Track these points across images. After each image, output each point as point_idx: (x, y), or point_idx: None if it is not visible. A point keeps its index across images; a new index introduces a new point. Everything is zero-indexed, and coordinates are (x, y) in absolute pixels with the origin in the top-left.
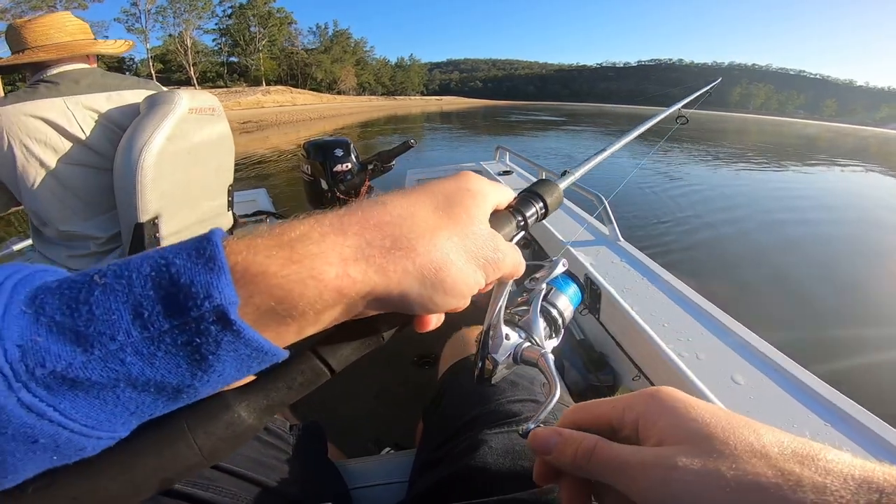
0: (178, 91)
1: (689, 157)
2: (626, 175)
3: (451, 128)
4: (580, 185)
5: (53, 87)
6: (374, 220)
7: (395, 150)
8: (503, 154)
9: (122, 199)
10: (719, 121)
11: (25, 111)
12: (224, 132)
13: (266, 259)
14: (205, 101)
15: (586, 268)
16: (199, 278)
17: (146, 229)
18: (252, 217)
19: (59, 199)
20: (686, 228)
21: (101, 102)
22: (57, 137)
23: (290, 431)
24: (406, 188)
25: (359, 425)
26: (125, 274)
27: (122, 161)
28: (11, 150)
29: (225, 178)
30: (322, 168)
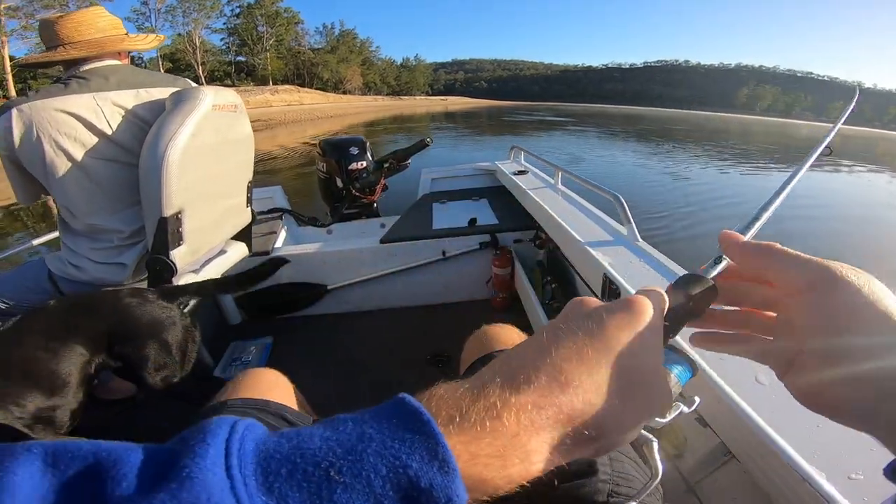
0: (202, 88)
1: (696, 159)
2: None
3: (457, 127)
4: (595, 185)
5: (84, 83)
6: (568, 410)
7: (411, 148)
8: (518, 154)
9: (147, 194)
10: (718, 121)
11: (55, 106)
12: (245, 129)
13: (485, 469)
14: (228, 99)
15: (604, 266)
16: (438, 482)
17: (170, 224)
18: (268, 214)
19: (86, 193)
20: (701, 228)
21: (130, 99)
22: (85, 132)
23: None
24: (568, 336)
25: None
26: (362, 473)
27: (147, 156)
28: (41, 143)
29: (245, 175)
30: (337, 166)
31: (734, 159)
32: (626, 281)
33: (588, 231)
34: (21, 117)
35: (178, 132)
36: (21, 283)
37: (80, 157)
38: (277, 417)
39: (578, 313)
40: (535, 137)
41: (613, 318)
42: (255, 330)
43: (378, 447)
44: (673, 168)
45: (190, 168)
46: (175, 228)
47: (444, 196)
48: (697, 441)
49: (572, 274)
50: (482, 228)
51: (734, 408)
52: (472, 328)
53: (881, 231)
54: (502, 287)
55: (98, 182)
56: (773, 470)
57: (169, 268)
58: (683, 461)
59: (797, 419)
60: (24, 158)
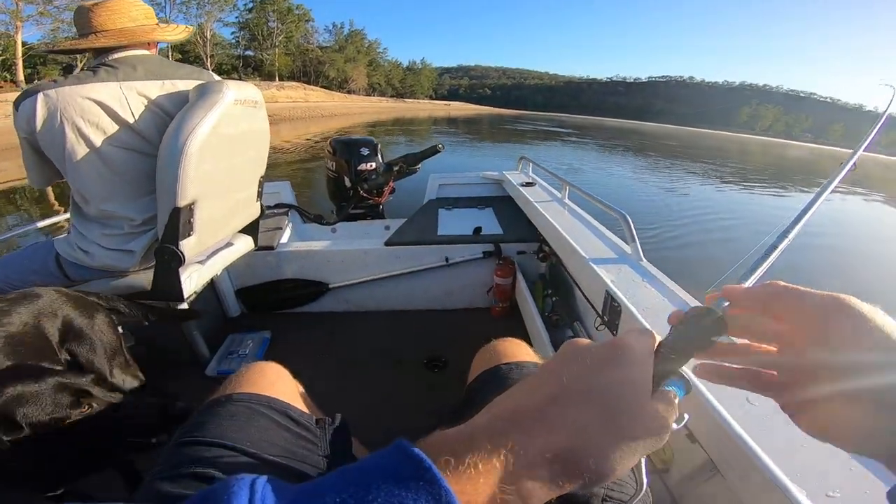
0: (226, 82)
1: (697, 177)
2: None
3: (457, 132)
4: (602, 202)
5: (112, 71)
6: (555, 449)
7: (423, 153)
8: (526, 165)
9: (164, 184)
10: (721, 140)
11: (82, 93)
12: (263, 125)
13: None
14: (249, 94)
15: (607, 284)
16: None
17: (182, 214)
18: (275, 209)
19: (102, 179)
20: (705, 249)
21: (155, 90)
22: (108, 120)
23: (317, 425)
24: (554, 378)
25: (368, 424)
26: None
27: (168, 146)
28: (63, 128)
29: (258, 169)
30: (347, 165)
31: (735, 180)
32: (629, 300)
33: (593, 247)
34: (47, 102)
35: (200, 125)
36: (27, 265)
37: (99, 145)
38: (282, 415)
39: (568, 356)
40: (535, 146)
41: (598, 361)
42: (254, 323)
43: (386, 497)
44: (676, 186)
45: (207, 160)
46: (187, 219)
47: (450, 202)
48: (685, 456)
49: (574, 289)
50: (486, 238)
51: (723, 424)
52: (470, 335)
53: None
54: (503, 297)
55: (115, 169)
56: (756, 486)
57: (177, 257)
58: (670, 475)
59: (782, 437)
60: (43, 142)
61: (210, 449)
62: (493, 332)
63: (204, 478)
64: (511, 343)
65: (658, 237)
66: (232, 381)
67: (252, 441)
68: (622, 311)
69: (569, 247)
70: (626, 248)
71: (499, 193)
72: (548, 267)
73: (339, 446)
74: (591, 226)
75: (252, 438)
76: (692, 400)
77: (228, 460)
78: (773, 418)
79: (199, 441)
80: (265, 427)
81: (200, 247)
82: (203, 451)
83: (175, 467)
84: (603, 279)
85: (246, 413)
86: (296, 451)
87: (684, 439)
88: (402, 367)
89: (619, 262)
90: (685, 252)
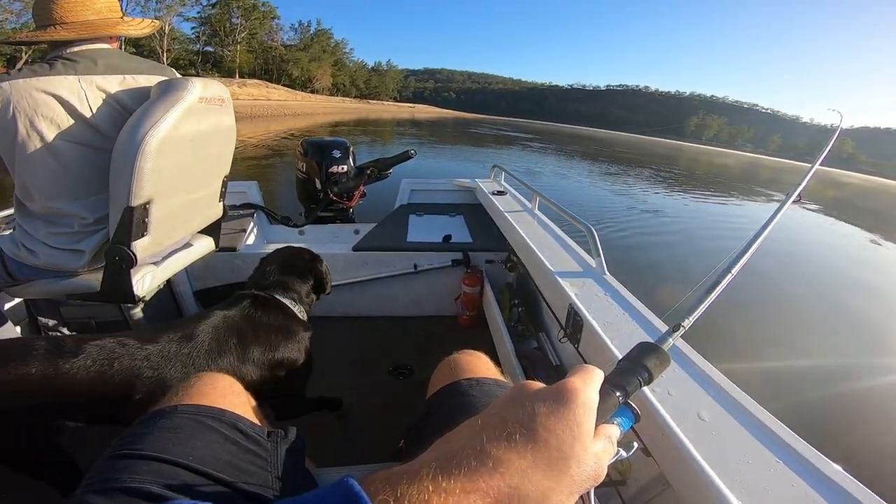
0: (191, 79)
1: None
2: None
3: (421, 135)
4: (570, 214)
5: (70, 64)
6: (495, 493)
7: (395, 158)
8: (498, 174)
9: (117, 182)
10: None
11: (38, 86)
12: (229, 124)
13: None
14: (215, 92)
15: (570, 297)
16: None
17: (136, 214)
18: (241, 209)
19: (52, 176)
20: (668, 263)
21: (115, 85)
22: (64, 115)
23: (269, 438)
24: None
25: (333, 433)
26: None
27: (123, 144)
28: (15, 121)
29: (222, 169)
30: (318, 167)
31: (692, 188)
32: (591, 314)
33: (559, 260)
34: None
35: (160, 122)
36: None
37: (52, 140)
38: (231, 427)
39: (515, 401)
40: (496, 151)
41: (543, 406)
42: None
43: None
44: (638, 196)
45: (166, 159)
46: (141, 219)
47: (421, 209)
48: (641, 469)
49: (540, 300)
50: (455, 246)
51: (674, 440)
52: (437, 343)
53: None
54: (470, 306)
55: (67, 166)
56: (703, 500)
57: (128, 258)
58: (627, 487)
59: (730, 454)
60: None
61: (148, 463)
62: (459, 340)
63: (138, 493)
64: (472, 357)
65: (622, 247)
66: (178, 392)
67: (195, 456)
68: (584, 325)
69: (536, 258)
70: (591, 262)
71: (470, 201)
72: (515, 277)
73: (290, 460)
74: (559, 238)
75: (196, 453)
76: (646, 415)
77: (167, 475)
78: (723, 433)
79: (136, 454)
80: (211, 441)
81: (155, 247)
82: (141, 465)
83: (108, 481)
84: (567, 292)
85: (190, 425)
86: (243, 467)
87: (640, 453)
88: (368, 375)
89: (583, 275)
90: (647, 264)
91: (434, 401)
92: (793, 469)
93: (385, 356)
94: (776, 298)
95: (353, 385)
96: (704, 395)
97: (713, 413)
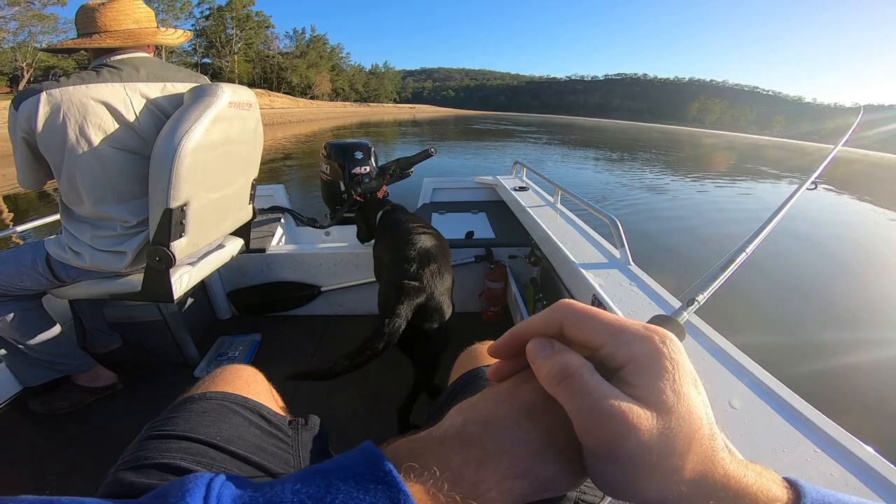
0: (221, 85)
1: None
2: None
3: (422, 134)
4: (593, 207)
5: (116, 72)
6: (526, 459)
7: (415, 157)
8: (520, 170)
9: (157, 185)
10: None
11: (88, 94)
12: (257, 127)
13: None
14: (243, 97)
15: (594, 288)
16: None
17: (174, 215)
18: (269, 212)
19: (98, 181)
20: (692, 250)
21: (156, 92)
22: (111, 122)
23: (290, 426)
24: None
25: (354, 423)
26: None
27: (162, 148)
28: (65, 128)
29: (251, 172)
30: (341, 169)
31: (708, 175)
32: (616, 304)
33: (582, 252)
34: (49, 101)
35: (194, 127)
36: (16, 265)
37: (100, 146)
38: (255, 413)
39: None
40: (500, 145)
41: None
42: (244, 326)
43: (345, 498)
44: (656, 183)
45: (200, 162)
46: (179, 220)
47: (443, 207)
48: None
49: (564, 293)
50: (478, 242)
51: None
52: (461, 339)
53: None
54: (494, 301)
55: (113, 171)
56: None
57: (168, 258)
58: None
59: (765, 444)
60: (42, 142)
61: (178, 442)
62: (483, 335)
63: (169, 468)
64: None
65: (646, 237)
66: (206, 381)
67: (222, 436)
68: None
69: (559, 251)
70: (615, 253)
71: (492, 198)
72: (539, 271)
73: (312, 447)
74: (582, 230)
75: (223, 434)
76: None
77: (196, 452)
78: (756, 422)
79: (168, 434)
80: (237, 424)
81: (192, 248)
82: (171, 444)
83: (141, 459)
84: (591, 283)
85: (218, 409)
86: (267, 448)
87: None
88: (392, 370)
89: (608, 266)
90: (667, 249)
91: (456, 386)
92: (831, 456)
93: None
94: (802, 278)
95: (378, 380)
96: (736, 383)
97: (745, 400)
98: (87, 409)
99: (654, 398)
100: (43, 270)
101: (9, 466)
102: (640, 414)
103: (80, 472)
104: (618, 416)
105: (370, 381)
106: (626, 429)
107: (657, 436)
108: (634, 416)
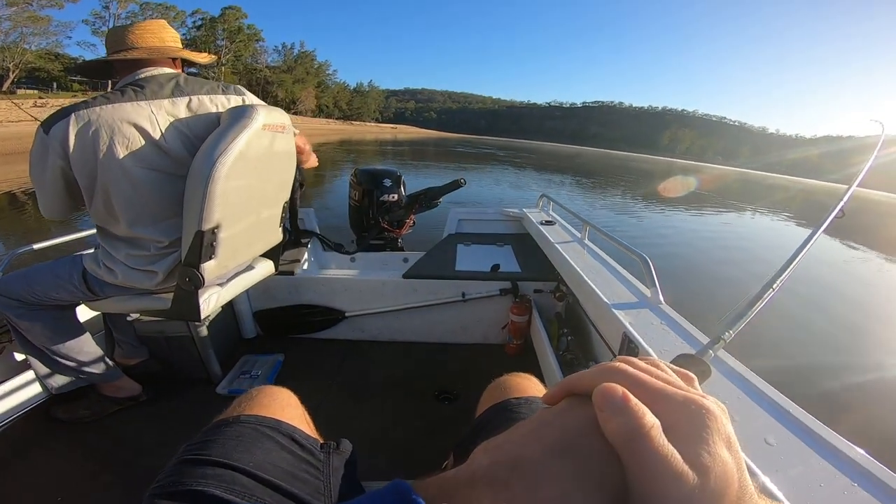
0: (255, 107)
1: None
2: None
3: (403, 155)
4: (623, 244)
5: (140, 91)
6: (555, 501)
7: (445, 187)
8: (546, 203)
9: (190, 207)
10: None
11: (115, 114)
12: (290, 150)
13: None
14: (277, 119)
15: (625, 326)
16: None
17: (206, 237)
18: (299, 235)
19: (131, 203)
20: (723, 290)
21: (182, 108)
22: (139, 140)
23: (322, 450)
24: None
25: (375, 451)
26: None
27: (197, 169)
28: (95, 147)
29: (283, 194)
30: (369, 196)
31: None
32: (646, 342)
33: (611, 289)
34: (78, 122)
35: (229, 149)
36: (54, 278)
37: (129, 165)
38: (288, 438)
39: (568, 404)
40: (478, 169)
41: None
42: (268, 346)
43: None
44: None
45: (233, 184)
46: (210, 242)
47: (469, 238)
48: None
49: (590, 329)
50: (504, 275)
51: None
52: (483, 370)
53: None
54: (518, 334)
55: (144, 191)
56: None
57: (198, 279)
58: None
59: (802, 479)
60: (75, 165)
61: (213, 469)
62: (506, 368)
63: (202, 496)
64: (521, 378)
65: (678, 278)
66: (241, 403)
67: (255, 463)
68: (639, 352)
69: (587, 288)
70: (645, 292)
71: (518, 231)
72: (564, 306)
73: (343, 471)
74: (611, 267)
75: (256, 460)
76: None
77: (228, 480)
78: (792, 458)
79: (203, 460)
80: (269, 449)
81: (221, 269)
82: (206, 470)
83: (175, 484)
84: (621, 321)
85: (252, 435)
86: (298, 475)
87: None
88: (413, 398)
89: (638, 305)
90: (698, 288)
91: (483, 418)
92: (865, 489)
93: (430, 381)
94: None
95: (400, 407)
96: (769, 419)
97: (780, 438)
98: (108, 418)
99: (696, 461)
100: (78, 284)
101: (28, 472)
102: (690, 475)
103: (97, 481)
104: (677, 476)
105: (393, 411)
106: (678, 487)
107: (699, 495)
108: (688, 477)
